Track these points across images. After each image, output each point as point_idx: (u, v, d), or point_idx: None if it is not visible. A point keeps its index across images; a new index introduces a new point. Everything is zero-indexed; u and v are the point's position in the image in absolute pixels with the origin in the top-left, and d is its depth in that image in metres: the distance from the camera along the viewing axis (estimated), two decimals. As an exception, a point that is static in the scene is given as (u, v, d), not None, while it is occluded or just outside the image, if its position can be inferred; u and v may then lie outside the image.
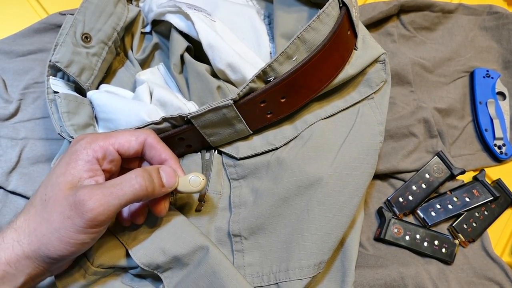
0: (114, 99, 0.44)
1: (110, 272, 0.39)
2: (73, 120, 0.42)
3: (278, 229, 0.40)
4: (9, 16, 0.60)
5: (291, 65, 0.39)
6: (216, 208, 0.42)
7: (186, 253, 0.37)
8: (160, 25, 0.53)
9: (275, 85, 0.38)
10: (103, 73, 0.49)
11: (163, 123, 0.39)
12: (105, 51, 0.47)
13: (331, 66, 0.41)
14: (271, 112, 0.41)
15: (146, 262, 0.37)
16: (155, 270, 0.37)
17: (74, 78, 0.44)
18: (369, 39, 0.45)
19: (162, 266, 0.37)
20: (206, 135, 0.41)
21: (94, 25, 0.46)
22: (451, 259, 0.49)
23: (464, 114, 0.59)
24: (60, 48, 0.43)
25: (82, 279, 0.38)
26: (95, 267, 0.38)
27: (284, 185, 0.40)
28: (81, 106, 0.44)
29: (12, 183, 0.48)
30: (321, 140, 0.42)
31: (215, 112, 0.38)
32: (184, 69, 0.49)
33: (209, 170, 0.42)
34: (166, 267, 0.37)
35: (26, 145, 0.51)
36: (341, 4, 0.40)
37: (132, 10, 0.51)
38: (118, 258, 0.38)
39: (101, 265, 0.38)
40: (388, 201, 0.52)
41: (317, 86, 0.41)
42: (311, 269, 0.38)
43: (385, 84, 0.45)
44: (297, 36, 0.38)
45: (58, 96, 0.42)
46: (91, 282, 0.38)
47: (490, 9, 0.65)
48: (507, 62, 0.62)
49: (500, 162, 0.58)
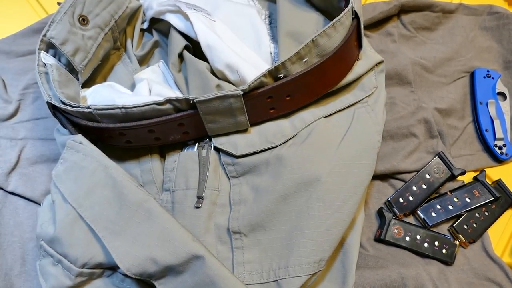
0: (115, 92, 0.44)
1: (98, 273, 0.38)
2: (63, 89, 0.42)
3: (278, 226, 0.40)
4: (9, 16, 0.60)
5: (301, 65, 0.40)
6: (214, 205, 0.42)
7: (180, 263, 0.35)
8: (160, 23, 0.54)
9: (285, 82, 0.39)
10: (98, 60, 0.48)
11: (166, 104, 0.39)
12: (100, 36, 0.47)
13: (337, 72, 0.43)
14: (273, 108, 0.42)
15: (137, 273, 0.35)
16: (148, 279, 0.36)
17: (68, 57, 0.44)
18: (369, 50, 0.48)
19: (155, 275, 0.36)
20: (206, 121, 0.40)
21: (93, 9, 0.46)
22: (452, 260, 0.49)
23: (464, 114, 0.59)
24: (57, 25, 0.43)
25: (68, 281, 0.36)
26: (78, 267, 0.36)
27: (283, 182, 0.40)
28: (71, 81, 0.44)
29: (12, 184, 0.48)
30: (319, 138, 0.42)
31: (222, 100, 0.39)
32: (183, 68, 0.49)
33: (206, 167, 0.42)
34: (160, 275, 0.36)
35: (25, 145, 0.51)
36: (353, 15, 0.42)
37: (134, 1, 0.51)
38: (101, 255, 0.37)
39: (85, 264, 0.37)
40: (388, 201, 0.52)
41: (321, 90, 0.43)
42: (310, 266, 0.38)
43: (377, 90, 0.47)
44: (312, 39, 0.39)
45: (50, 65, 0.42)
46: (78, 284, 0.37)
47: (491, 9, 0.64)
48: (507, 62, 0.62)
49: (501, 162, 0.57)
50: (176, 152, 0.44)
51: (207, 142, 0.43)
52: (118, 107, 0.38)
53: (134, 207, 0.36)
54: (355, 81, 0.46)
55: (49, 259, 0.37)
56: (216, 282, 0.35)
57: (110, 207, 0.37)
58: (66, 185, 0.39)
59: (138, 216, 0.36)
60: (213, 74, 0.47)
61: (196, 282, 0.35)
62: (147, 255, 0.35)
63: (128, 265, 0.35)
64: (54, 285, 0.36)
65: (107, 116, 0.39)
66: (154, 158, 0.44)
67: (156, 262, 0.35)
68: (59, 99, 0.40)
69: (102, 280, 0.38)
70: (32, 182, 0.49)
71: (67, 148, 0.40)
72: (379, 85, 0.47)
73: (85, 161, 0.39)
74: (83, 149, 0.39)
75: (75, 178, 0.39)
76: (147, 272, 0.35)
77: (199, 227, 0.41)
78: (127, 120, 0.39)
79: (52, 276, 0.37)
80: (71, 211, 0.38)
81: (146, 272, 0.35)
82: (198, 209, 0.41)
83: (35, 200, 0.48)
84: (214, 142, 0.43)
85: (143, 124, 0.39)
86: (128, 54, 0.53)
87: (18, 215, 0.48)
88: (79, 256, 0.36)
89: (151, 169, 0.43)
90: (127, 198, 0.37)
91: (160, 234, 0.36)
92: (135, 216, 0.36)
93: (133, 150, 0.44)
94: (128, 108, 0.38)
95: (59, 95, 0.40)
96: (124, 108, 0.38)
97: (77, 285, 0.37)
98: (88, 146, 0.39)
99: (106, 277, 0.38)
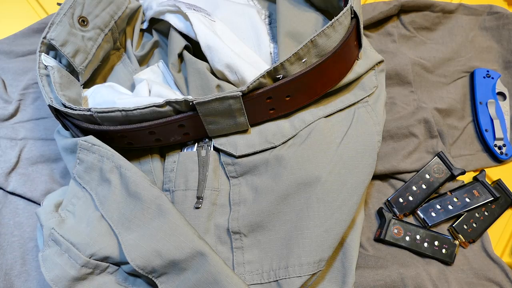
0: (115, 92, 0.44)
1: (102, 268, 0.38)
2: (64, 91, 0.42)
3: (278, 226, 0.40)
4: (9, 16, 0.60)
5: (300, 66, 0.40)
6: (214, 205, 0.42)
7: (184, 258, 0.36)
8: (160, 23, 0.54)
9: (285, 83, 0.39)
10: (99, 60, 0.49)
11: (166, 106, 0.39)
12: (100, 37, 0.47)
13: (336, 72, 0.43)
14: (273, 108, 0.42)
15: (141, 265, 0.36)
16: (149, 275, 0.36)
17: (68, 58, 0.44)
18: (369, 50, 0.48)
19: (158, 270, 0.36)
20: (206, 122, 0.41)
21: (93, 10, 0.46)
22: (451, 260, 0.49)
23: (464, 114, 0.59)
24: (57, 27, 0.43)
25: (73, 271, 0.36)
26: (86, 256, 0.37)
27: (283, 183, 0.40)
28: (73, 83, 0.44)
29: (12, 184, 0.48)
30: (319, 139, 0.42)
31: (221, 102, 0.39)
32: (182, 68, 0.49)
33: (206, 167, 0.42)
34: (162, 271, 0.36)
35: (25, 145, 0.51)
36: (352, 15, 0.42)
37: (134, 2, 0.51)
38: (110, 248, 0.37)
39: (92, 254, 0.37)
40: (388, 201, 0.52)
41: (320, 90, 0.42)
42: (310, 266, 0.38)
43: (377, 89, 0.47)
44: (310, 39, 0.39)
45: (51, 67, 0.42)
46: (82, 276, 0.37)
47: (491, 9, 0.64)
48: (507, 62, 0.62)
49: (500, 162, 0.57)
50: (175, 152, 0.44)
51: (206, 142, 0.43)
52: (119, 110, 0.38)
53: (147, 204, 0.37)
54: (355, 80, 0.46)
55: (55, 249, 0.37)
56: (219, 280, 0.35)
57: (126, 205, 0.38)
58: (91, 185, 0.40)
59: (150, 212, 0.37)
60: (213, 74, 0.47)
61: (199, 279, 0.35)
62: (153, 247, 0.36)
63: (134, 256, 0.36)
64: (58, 275, 0.36)
65: (107, 118, 0.39)
66: (155, 158, 0.44)
67: (161, 255, 0.36)
68: (60, 101, 0.40)
69: (104, 277, 0.38)
70: (32, 182, 0.49)
71: (80, 149, 0.40)
72: (380, 85, 0.47)
73: (101, 162, 0.39)
74: (98, 150, 0.40)
75: (98, 180, 0.40)
76: (151, 265, 0.36)
77: (199, 227, 0.41)
78: (127, 122, 0.39)
79: (57, 265, 0.37)
80: (95, 210, 0.39)
81: (150, 265, 0.36)
82: (198, 209, 0.41)
83: (35, 200, 0.48)
84: (214, 142, 0.43)
85: (144, 126, 0.39)
86: (128, 54, 0.53)
87: (18, 215, 0.48)
88: (89, 245, 0.37)
89: (151, 169, 0.43)
90: (140, 196, 0.38)
91: (168, 229, 0.37)
92: (147, 212, 0.37)
93: (133, 151, 0.44)
94: (128, 111, 0.38)
95: (60, 97, 0.40)
96: (124, 111, 0.38)
97: (81, 277, 0.37)
98: (102, 147, 0.40)
99: (109, 274, 0.38)
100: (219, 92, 0.39)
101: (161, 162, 0.44)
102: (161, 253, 0.36)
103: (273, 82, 0.40)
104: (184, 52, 0.48)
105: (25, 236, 0.47)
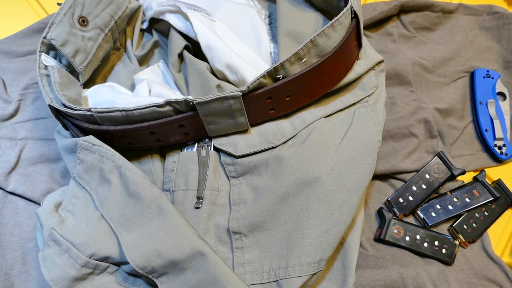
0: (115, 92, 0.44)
1: (102, 268, 0.38)
2: (64, 91, 0.42)
3: (278, 226, 0.40)
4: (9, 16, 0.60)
5: (300, 66, 0.40)
6: (214, 205, 0.42)
7: (184, 258, 0.36)
8: (160, 23, 0.54)
9: (285, 83, 0.39)
10: (99, 60, 0.49)
11: (166, 106, 0.39)
12: (101, 37, 0.47)
13: (336, 72, 0.43)
14: (273, 108, 0.42)
15: (141, 265, 0.36)
16: (149, 275, 0.36)
17: (68, 58, 0.44)
18: (369, 50, 0.48)
19: (158, 270, 0.36)
20: (206, 122, 0.41)
21: (93, 10, 0.46)
22: (451, 260, 0.49)
23: (464, 114, 0.59)
24: (57, 27, 0.43)
25: (73, 271, 0.36)
26: (86, 256, 0.37)
27: (283, 183, 0.40)
28: (73, 83, 0.44)
29: (12, 184, 0.48)
30: (319, 139, 0.42)
31: (222, 102, 0.39)
32: (182, 68, 0.49)
33: (206, 167, 0.42)
34: (162, 271, 0.36)
35: (25, 145, 0.51)
36: (352, 15, 0.42)
37: (134, 2, 0.51)
38: (110, 248, 0.37)
39: (92, 254, 0.37)
40: (388, 201, 0.52)
41: (320, 90, 0.43)
42: (310, 266, 0.38)
43: (377, 89, 0.47)
44: (311, 39, 0.39)
45: (52, 67, 0.42)
46: (82, 276, 0.37)
47: (491, 9, 0.64)
48: (507, 62, 0.62)
49: (501, 162, 0.57)
50: (175, 152, 0.44)
51: (206, 142, 0.43)
52: (119, 110, 0.38)
53: (147, 204, 0.37)
54: (355, 80, 0.46)
55: (55, 249, 0.37)
56: (219, 280, 0.35)
57: (126, 205, 0.38)
58: (91, 185, 0.40)
59: (150, 213, 0.37)
60: (213, 74, 0.47)
61: (199, 280, 0.35)
62: (153, 247, 0.36)
63: (134, 256, 0.36)
64: (58, 275, 0.36)
65: (107, 118, 0.39)
66: (155, 158, 0.44)
67: (161, 255, 0.35)
68: (60, 101, 0.40)
69: (104, 277, 0.38)
70: (32, 182, 0.49)
71: (80, 148, 0.40)
72: (380, 85, 0.47)
73: (101, 162, 0.39)
74: (98, 150, 0.39)
75: (98, 180, 0.40)
76: (151, 265, 0.36)
77: (199, 227, 0.41)
78: (127, 122, 0.39)
79: (57, 265, 0.37)
80: (95, 210, 0.39)
81: (150, 265, 0.36)
82: (198, 209, 0.41)
83: (35, 200, 0.48)
84: (214, 142, 0.43)
85: (144, 126, 0.39)
86: (128, 54, 0.53)
87: (18, 215, 0.48)
88: (89, 245, 0.37)
89: (151, 169, 0.43)
90: (140, 196, 0.38)
91: (168, 229, 0.36)
92: (147, 212, 0.37)
93: (133, 151, 0.44)
94: (128, 111, 0.38)
95: (60, 97, 0.40)
96: (124, 111, 0.38)
97: (81, 277, 0.37)
98: (103, 147, 0.40)
99: (109, 274, 0.38)
100: (219, 92, 0.39)
101: (161, 162, 0.44)
102: (161, 253, 0.36)
103: (273, 82, 0.40)
104: (184, 52, 0.48)
105: (25, 236, 0.47)
